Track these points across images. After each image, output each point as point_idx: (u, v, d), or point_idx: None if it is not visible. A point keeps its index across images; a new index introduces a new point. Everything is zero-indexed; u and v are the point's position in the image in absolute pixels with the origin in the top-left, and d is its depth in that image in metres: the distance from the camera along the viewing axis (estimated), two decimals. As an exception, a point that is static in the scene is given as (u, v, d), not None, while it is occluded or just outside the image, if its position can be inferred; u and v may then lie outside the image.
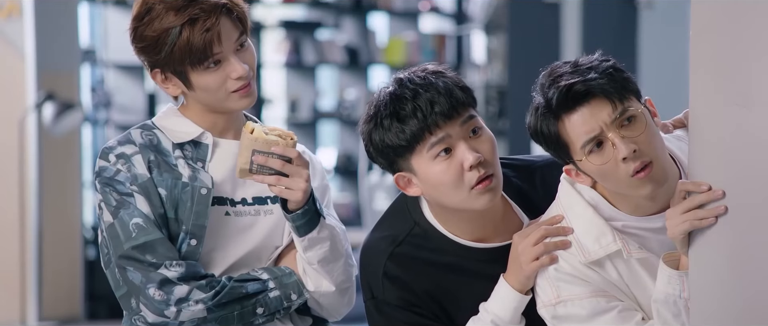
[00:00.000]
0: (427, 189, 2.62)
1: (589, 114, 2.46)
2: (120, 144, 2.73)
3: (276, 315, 2.73)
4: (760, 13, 2.21)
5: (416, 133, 2.57)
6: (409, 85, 2.58)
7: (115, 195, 2.69)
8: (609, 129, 2.46)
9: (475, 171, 2.57)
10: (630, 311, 2.53)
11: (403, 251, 2.66)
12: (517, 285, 2.59)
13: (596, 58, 2.52)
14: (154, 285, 2.66)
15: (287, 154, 2.61)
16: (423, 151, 2.58)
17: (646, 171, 2.46)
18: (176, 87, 2.73)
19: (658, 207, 2.53)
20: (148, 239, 2.67)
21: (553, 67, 2.53)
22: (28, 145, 7.52)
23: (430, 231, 2.67)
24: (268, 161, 2.61)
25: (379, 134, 2.60)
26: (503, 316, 2.60)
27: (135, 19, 2.70)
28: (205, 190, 2.70)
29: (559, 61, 2.56)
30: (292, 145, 2.63)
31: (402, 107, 2.57)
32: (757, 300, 2.25)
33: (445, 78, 2.60)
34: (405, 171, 2.63)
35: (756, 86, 2.22)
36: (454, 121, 2.58)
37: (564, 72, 2.50)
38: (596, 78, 2.47)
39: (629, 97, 2.49)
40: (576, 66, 2.51)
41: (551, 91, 2.48)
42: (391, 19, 10.74)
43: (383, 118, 2.58)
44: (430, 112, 2.56)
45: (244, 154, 2.62)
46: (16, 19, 7.51)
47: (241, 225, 2.74)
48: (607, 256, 2.53)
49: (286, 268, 2.75)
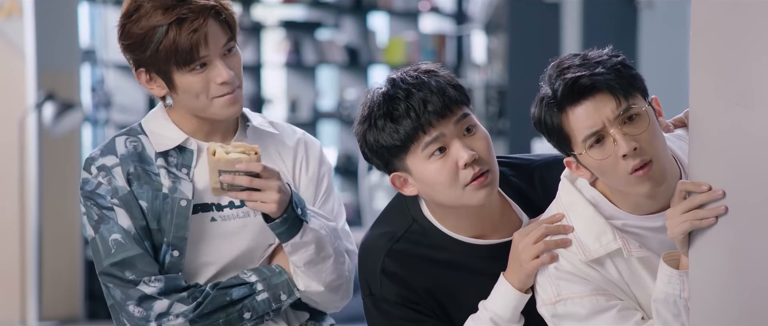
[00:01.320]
0: (423, 188, 2.62)
1: (593, 108, 2.46)
2: (102, 154, 2.72)
3: (265, 318, 2.73)
4: (760, 13, 2.21)
5: (410, 133, 2.57)
6: (402, 85, 2.59)
7: (95, 210, 2.69)
8: (611, 125, 2.46)
9: (469, 169, 2.57)
10: (629, 310, 2.53)
11: (401, 248, 2.66)
12: (517, 284, 2.59)
13: (606, 53, 2.52)
14: (133, 302, 2.66)
15: (251, 170, 2.59)
16: (417, 150, 2.58)
17: (645, 170, 2.46)
18: (161, 88, 2.71)
19: (658, 206, 2.53)
20: (126, 256, 2.66)
21: (562, 59, 2.53)
22: (28, 145, 7.52)
23: (429, 228, 2.67)
24: (235, 179, 2.59)
25: (374, 135, 2.60)
26: (502, 314, 2.60)
27: (123, 16, 2.69)
28: (184, 202, 2.68)
29: (569, 53, 2.56)
30: (256, 159, 2.61)
31: (395, 107, 2.57)
32: (757, 300, 2.25)
33: (437, 77, 2.61)
34: (400, 171, 2.63)
35: (756, 86, 2.22)
36: (448, 119, 2.58)
37: (572, 64, 2.50)
38: (603, 73, 2.46)
39: (635, 94, 2.49)
40: (585, 59, 2.50)
41: (557, 82, 2.48)
42: (391, 19, 10.74)
43: (377, 119, 2.59)
44: (424, 111, 2.56)
45: (212, 176, 2.61)
46: (16, 19, 7.50)
47: (228, 230, 2.73)
48: (607, 255, 2.53)
49: (276, 267, 2.74)
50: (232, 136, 2.78)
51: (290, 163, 2.81)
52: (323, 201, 2.83)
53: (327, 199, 2.84)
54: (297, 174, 2.81)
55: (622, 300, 2.54)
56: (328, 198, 2.84)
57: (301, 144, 2.83)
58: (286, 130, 2.87)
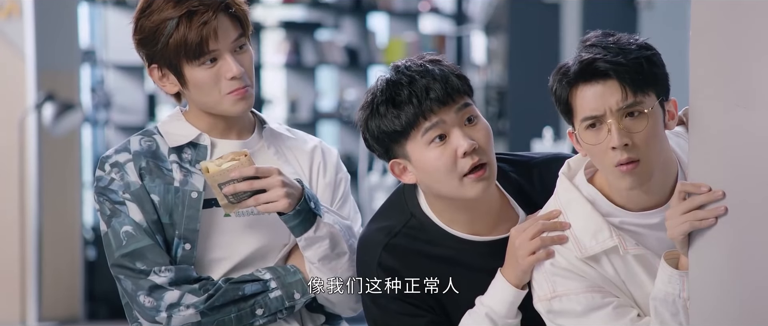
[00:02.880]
0: (421, 176, 2.63)
1: (600, 93, 2.46)
2: (116, 152, 2.74)
3: (278, 316, 2.73)
4: (760, 13, 2.21)
5: (411, 119, 2.59)
6: (406, 72, 2.61)
7: (108, 205, 2.70)
8: (612, 114, 2.46)
9: (468, 158, 2.59)
10: (625, 307, 2.53)
11: (398, 242, 2.67)
12: (513, 280, 2.60)
13: (635, 43, 2.50)
14: (143, 292, 2.66)
15: (244, 174, 2.60)
16: (418, 136, 2.60)
17: (630, 167, 2.46)
18: (173, 85, 2.73)
19: (653, 202, 2.53)
20: (137, 246, 2.67)
21: (593, 36, 2.52)
22: (28, 146, 7.52)
23: (427, 223, 2.68)
24: (236, 188, 2.61)
25: (375, 121, 2.62)
26: (498, 310, 2.60)
27: (137, 12, 2.71)
28: (195, 194, 2.69)
29: (605, 31, 2.55)
30: (248, 162, 2.61)
31: (398, 93, 2.59)
32: (757, 300, 2.25)
33: (441, 65, 2.63)
34: (400, 158, 2.64)
35: (756, 86, 2.22)
36: (449, 107, 2.60)
37: (599, 43, 2.49)
38: (622, 63, 2.46)
39: (647, 91, 2.47)
40: (615, 42, 2.49)
41: (578, 57, 2.48)
42: (391, 20, 10.74)
43: (379, 105, 2.61)
44: (426, 97, 2.58)
45: (217, 193, 2.63)
46: (16, 19, 7.50)
47: (242, 225, 2.74)
48: (603, 252, 2.53)
49: (291, 267, 2.74)
50: (248, 136, 2.79)
51: (306, 167, 2.82)
52: (339, 207, 2.83)
53: (343, 204, 2.85)
54: (314, 179, 2.82)
55: (618, 298, 2.54)
56: (344, 203, 2.85)
57: (318, 150, 2.85)
58: (303, 136, 2.88)
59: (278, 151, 2.80)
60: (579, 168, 2.60)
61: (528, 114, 7.83)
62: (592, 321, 2.52)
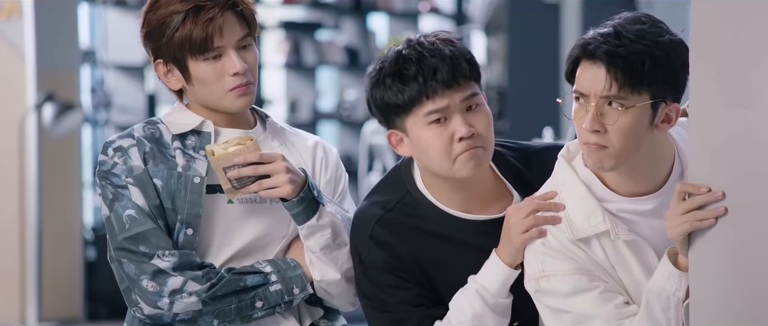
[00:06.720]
0: (416, 151, 2.67)
1: (593, 75, 2.48)
2: (120, 137, 2.76)
3: (277, 309, 2.74)
4: (760, 13, 2.21)
5: (414, 97, 2.62)
6: (417, 48, 2.64)
7: (110, 189, 2.71)
8: (595, 98, 2.47)
9: (464, 143, 2.61)
10: (611, 293, 2.54)
11: (392, 217, 2.70)
12: (506, 259, 2.63)
13: (655, 39, 2.48)
14: (147, 276, 2.67)
15: (249, 160, 2.63)
16: (419, 114, 2.63)
17: (592, 148, 2.48)
18: (177, 81, 2.75)
19: (643, 189, 2.54)
20: (140, 230, 2.68)
21: (616, 18, 2.53)
22: (28, 146, 7.52)
23: (421, 200, 2.71)
24: (241, 172, 2.63)
25: (380, 92, 2.65)
26: (490, 288, 2.63)
27: (146, 6, 2.74)
28: (198, 179, 2.71)
29: (638, 13, 2.55)
30: (254, 146, 2.65)
31: (405, 68, 2.62)
32: (757, 300, 2.25)
33: (453, 47, 2.66)
34: (398, 130, 2.67)
35: (756, 86, 2.22)
36: (454, 90, 2.62)
37: (618, 25, 2.50)
38: (619, 53, 2.46)
39: (639, 89, 2.47)
40: (632, 31, 2.49)
41: (595, 31, 2.50)
42: (391, 20, 10.74)
43: (386, 76, 2.64)
44: (432, 77, 2.61)
45: (221, 177, 2.65)
46: (16, 19, 7.51)
47: (244, 213, 2.75)
48: (594, 235, 2.54)
49: (291, 261, 2.75)
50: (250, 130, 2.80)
51: (309, 161, 2.84)
52: (339, 201, 2.86)
53: (342, 199, 2.88)
54: (316, 174, 2.85)
55: (606, 282, 2.55)
56: (343, 198, 2.88)
57: (320, 146, 2.88)
58: (303, 134, 2.92)
59: (282, 143, 2.82)
60: (578, 152, 2.61)
61: (528, 114, 7.83)
62: (577, 303, 2.54)
